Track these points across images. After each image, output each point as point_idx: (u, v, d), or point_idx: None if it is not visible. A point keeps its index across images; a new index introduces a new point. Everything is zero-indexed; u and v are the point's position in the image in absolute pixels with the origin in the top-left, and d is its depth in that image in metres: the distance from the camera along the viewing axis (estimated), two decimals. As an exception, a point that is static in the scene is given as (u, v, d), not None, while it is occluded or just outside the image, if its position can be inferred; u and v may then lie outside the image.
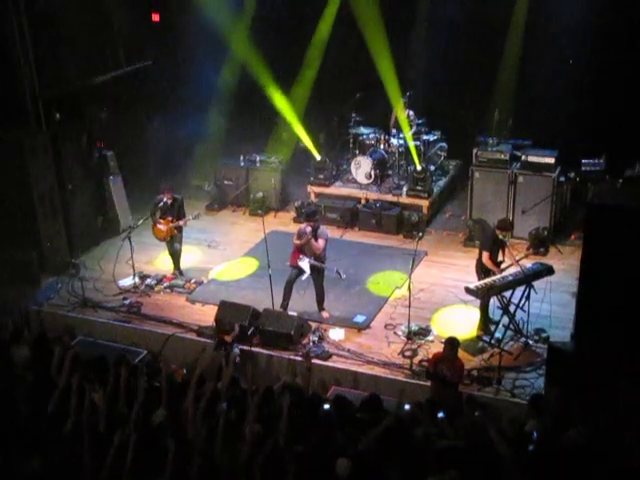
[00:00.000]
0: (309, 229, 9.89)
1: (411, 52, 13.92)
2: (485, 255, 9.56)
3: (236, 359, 8.94)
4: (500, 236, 9.56)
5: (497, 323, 9.65)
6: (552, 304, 9.76)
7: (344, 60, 13.92)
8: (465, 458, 6.57)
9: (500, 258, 9.70)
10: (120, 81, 13.33)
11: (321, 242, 9.93)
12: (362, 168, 13.23)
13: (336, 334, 9.93)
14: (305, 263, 9.94)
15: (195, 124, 14.33)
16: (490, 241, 9.63)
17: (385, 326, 10.12)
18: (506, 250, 9.71)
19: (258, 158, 13.90)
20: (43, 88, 11.19)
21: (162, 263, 11.88)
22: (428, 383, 8.58)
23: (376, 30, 12.65)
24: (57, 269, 11.62)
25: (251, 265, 11.80)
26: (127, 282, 11.28)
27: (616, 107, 12.15)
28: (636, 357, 7.81)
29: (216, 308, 10.15)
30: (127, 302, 10.82)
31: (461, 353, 8.71)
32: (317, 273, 10.03)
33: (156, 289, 11.19)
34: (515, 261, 9.66)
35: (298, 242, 9.97)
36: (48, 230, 11.59)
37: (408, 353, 9.44)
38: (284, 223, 13.23)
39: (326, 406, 7.40)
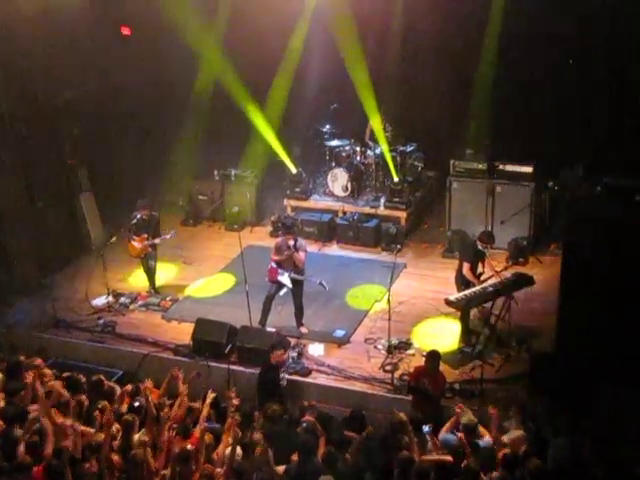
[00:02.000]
0: (291, 242, 9.73)
1: (386, 63, 13.85)
2: (466, 266, 9.51)
3: (284, 384, 8.78)
4: (480, 247, 9.50)
5: (478, 335, 9.56)
6: (533, 314, 9.73)
7: (319, 72, 13.83)
8: (454, 473, 6.52)
9: (480, 270, 9.63)
10: (91, 97, 13.12)
11: (302, 254, 9.79)
12: (339, 180, 13.14)
13: (316, 349, 9.80)
14: (285, 277, 9.79)
15: (168, 139, 14.19)
16: (471, 252, 9.58)
17: (365, 340, 10.00)
18: (486, 261, 9.65)
19: (233, 172, 13.73)
20: (12, 105, 11.01)
21: (136, 280, 11.68)
22: (409, 397, 8.46)
23: (351, 42, 12.61)
24: (28, 289, 11.35)
25: (228, 281, 11.63)
26: (101, 301, 11.06)
27: (594, 117, 12.20)
28: (617, 364, 7.85)
29: (192, 326, 9.99)
30: (101, 322, 10.60)
31: (442, 366, 8.64)
32: (297, 287, 9.89)
33: (131, 307, 10.99)
34: (495, 272, 9.61)
35: (277, 257, 9.81)
36: (18, 249, 11.34)
37: (389, 367, 9.32)
38: (260, 238, 13.07)
39: (304, 424, 7.32)
